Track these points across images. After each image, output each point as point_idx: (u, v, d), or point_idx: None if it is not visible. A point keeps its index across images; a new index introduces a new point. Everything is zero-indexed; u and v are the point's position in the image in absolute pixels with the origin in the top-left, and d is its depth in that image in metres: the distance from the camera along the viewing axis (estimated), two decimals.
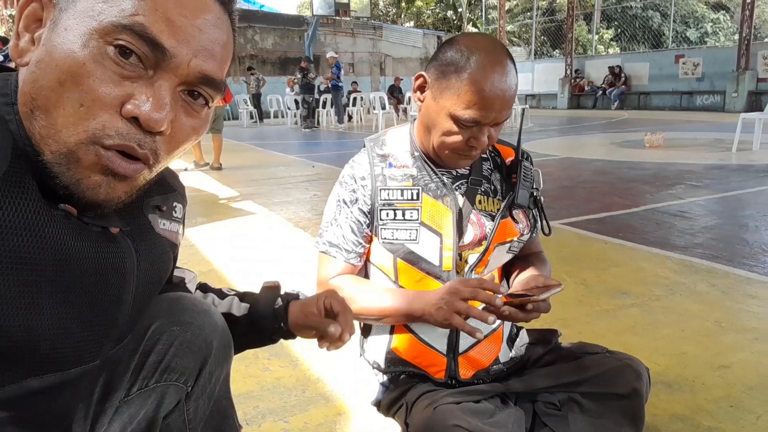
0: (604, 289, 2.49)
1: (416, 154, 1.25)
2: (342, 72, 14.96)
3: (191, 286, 0.98)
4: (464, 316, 1.05)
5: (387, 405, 1.29)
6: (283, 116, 17.88)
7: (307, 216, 4.17)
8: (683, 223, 3.63)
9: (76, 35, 0.55)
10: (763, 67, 15.00)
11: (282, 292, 1.03)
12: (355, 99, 15.69)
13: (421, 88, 1.21)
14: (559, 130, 11.77)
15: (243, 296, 1.01)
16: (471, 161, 1.22)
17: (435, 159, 1.23)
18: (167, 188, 0.80)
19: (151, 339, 0.80)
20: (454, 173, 1.25)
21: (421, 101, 1.21)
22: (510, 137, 1.33)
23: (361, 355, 1.37)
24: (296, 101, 15.54)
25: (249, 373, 1.82)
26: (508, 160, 1.31)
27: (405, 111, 14.69)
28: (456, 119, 1.12)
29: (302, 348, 1.95)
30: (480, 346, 1.26)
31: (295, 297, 1.02)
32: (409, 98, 14.09)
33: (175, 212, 0.80)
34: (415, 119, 1.28)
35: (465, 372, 1.25)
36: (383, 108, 13.04)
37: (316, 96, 14.61)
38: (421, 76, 1.20)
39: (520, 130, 1.30)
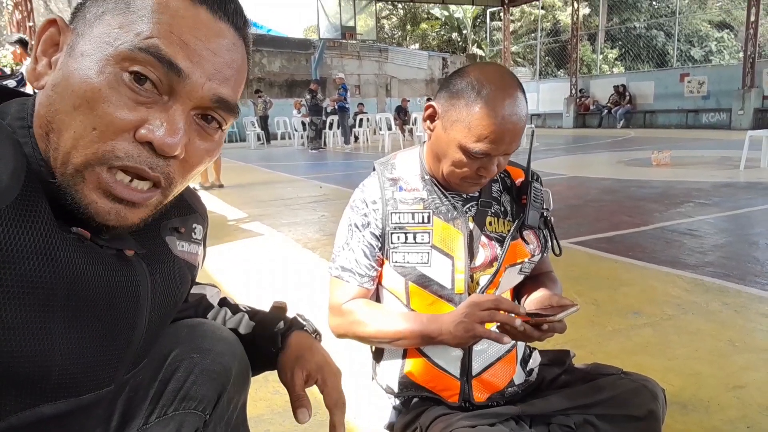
0: (615, 308, 2.47)
1: (426, 177, 1.26)
2: (348, 93, 15.09)
3: (213, 300, 0.98)
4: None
5: (400, 429, 1.28)
6: (290, 138, 18.03)
7: (315, 237, 4.18)
8: (693, 242, 3.62)
9: (92, 61, 0.55)
10: None
11: (288, 314, 1.00)
12: (361, 120, 15.81)
13: (431, 118, 1.22)
14: (566, 149, 11.79)
15: (253, 314, 1.00)
16: (480, 187, 1.23)
17: (444, 184, 1.25)
18: (187, 209, 0.80)
19: (171, 366, 0.80)
20: (465, 196, 1.26)
21: (431, 130, 1.22)
22: (519, 157, 1.34)
23: (373, 378, 1.36)
24: (303, 123, 15.67)
25: (259, 396, 1.81)
26: (518, 181, 1.32)
27: (411, 132, 14.77)
28: (466, 151, 1.13)
29: None
30: (494, 368, 1.26)
31: (301, 326, 0.97)
32: (415, 119, 14.18)
33: (195, 234, 0.80)
34: (424, 142, 1.29)
35: (479, 395, 1.24)
36: (389, 129, 13.14)
37: (324, 118, 14.74)
38: (431, 106, 1.21)
39: (530, 151, 1.31)
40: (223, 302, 1.02)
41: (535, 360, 1.36)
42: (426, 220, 1.23)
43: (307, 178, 8.36)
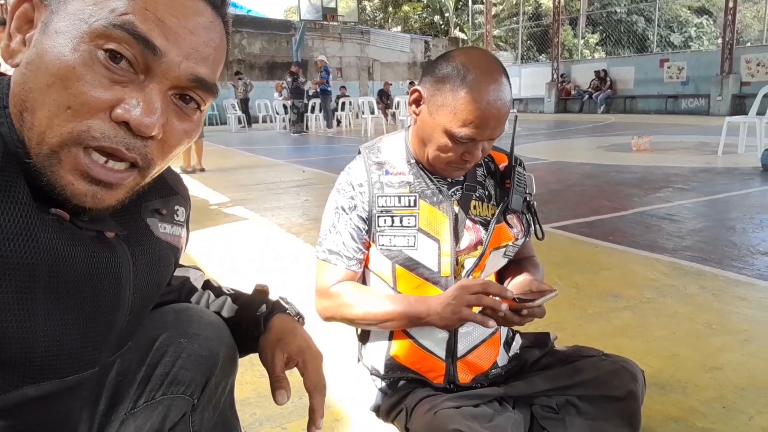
0: (595, 292, 2.52)
1: (412, 161, 1.26)
2: (330, 76, 14.97)
3: (197, 284, 0.97)
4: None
5: (386, 410, 1.30)
6: (271, 121, 17.85)
7: (299, 221, 4.17)
8: (672, 226, 3.68)
9: (66, 39, 0.54)
10: (746, 71, 15.23)
11: (270, 297, 0.99)
12: (343, 103, 15.70)
13: (417, 102, 1.22)
14: (547, 134, 11.86)
15: (236, 297, 0.99)
16: (465, 171, 1.24)
17: (429, 168, 1.25)
18: (168, 191, 0.79)
19: (158, 351, 0.80)
20: (450, 180, 1.27)
21: (417, 115, 1.22)
22: (502, 142, 1.35)
23: (359, 361, 1.37)
24: (285, 106, 15.52)
25: (245, 380, 1.81)
26: (502, 165, 1.33)
27: (393, 116, 14.72)
28: (452, 136, 1.14)
29: None
30: (478, 350, 1.28)
31: (283, 309, 0.97)
32: (398, 102, 14.13)
33: (177, 216, 0.79)
34: (409, 126, 1.29)
35: (464, 376, 1.26)
36: (372, 113, 13.07)
37: (305, 101, 14.61)
38: (416, 90, 1.21)
39: (513, 136, 1.32)
40: (207, 285, 1.02)
41: (518, 342, 1.38)
42: (412, 204, 1.24)
43: (290, 162, 8.31)
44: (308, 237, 3.63)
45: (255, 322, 0.92)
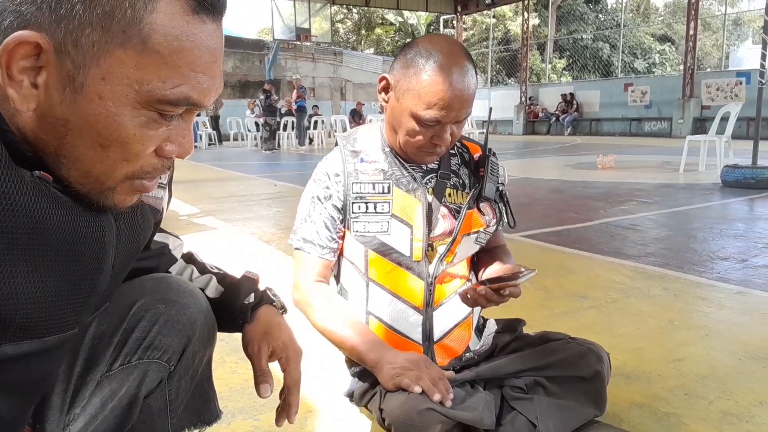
0: (563, 293, 2.57)
1: (387, 150, 1.30)
2: (307, 93, 15.07)
3: (176, 253, 0.97)
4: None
5: (360, 395, 1.31)
6: (243, 139, 17.78)
7: (271, 231, 4.16)
8: (635, 235, 3.78)
9: (116, 106, 0.55)
10: (707, 95, 15.81)
11: (259, 287, 1.01)
12: (316, 122, 15.76)
13: (386, 90, 1.26)
14: (516, 153, 12.08)
15: (222, 278, 1.00)
16: (436, 157, 1.27)
17: (403, 156, 1.28)
18: None
19: (136, 316, 0.80)
20: (424, 168, 1.30)
21: (386, 102, 1.26)
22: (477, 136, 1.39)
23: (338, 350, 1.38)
24: (257, 123, 15.50)
25: (217, 375, 1.79)
26: (476, 155, 1.37)
27: None
28: (418, 119, 1.17)
29: None
30: (453, 333, 1.30)
31: (270, 301, 0.99)
32: (370, 121, 14.24)
33: (159, 178, 0.80)
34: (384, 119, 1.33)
35: (441, 360, 1.28)
36: (344, 130, 13.13)
37: (278, 119, 14.62)
38: (384, 78, 1.25)
39: (487, 127, 1.37)
40: (190, 259, 1.02)
41: (490, 328, 1.41)
42: (386, 191, 1.27)
43: (261, 176, 8.29)
44: (280, 245, 3.62)
45: (242, 310, 0.94)
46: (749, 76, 14.62)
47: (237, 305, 0.95)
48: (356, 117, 16.73)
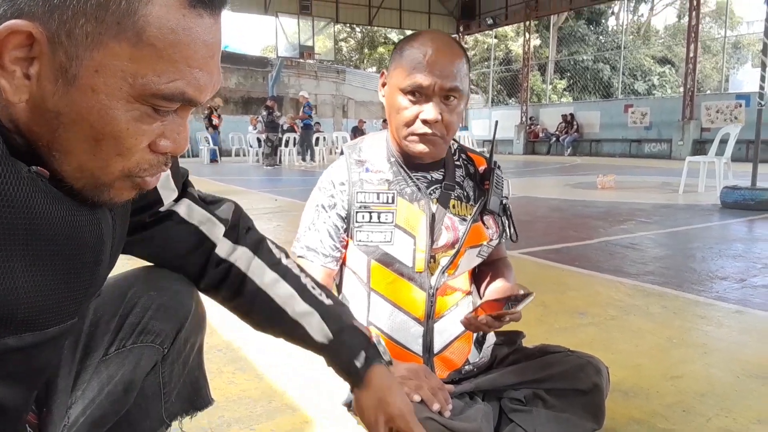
0: (562, 309, 2.57)
1: (392, 159, 1.31)
2: (313, 111, 15.18)
3: (212, 233, 0.90)
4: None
5: None
6: (244, 154, 17.86)
7: None
8: (635, 254, 3.79)
9: (109, 99, 0.55)
10: (706, 117, 15.91)
11: (369, 342, 0.97)
12: (317, 139, 15.85)
13: (384, 84, 1.29)
14: (516, 172, 12.13)
15: (328, 317, 0.94)
16: (433, 146, 1.23)
17: (408, 161, 1.29)
18: None
19: (129, 303, 0.83)
20: (429, 178, 1.31)
21: (384, 97, 1.29)
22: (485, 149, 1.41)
23: None
24: (259, 139, 15.58)
25: (214, 386, 1.77)
26: (481, 168, 1.38)
27: None
28: (403, 91, 1.19)
29: (268, 363, 1.94)
30: (453, 346, 1.30)
31: (379, 358, 0.96)
32: None
33: None
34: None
35: (440, 372, 1.28)
36: None
37: (280, 135, 14.70)
38: (382, 74, 1.29)
39: (493, 139, 1.38)
40: (268, 255, 0.95)
41: (489, 340, 1.41)
42: (390, 201, 1.27)
43: (262, 191, 8.31)
44: None
45: (351, 371, 0.94)
46: (749, 98, 14.74)
47: (344, 359, 0.94)
48: (358, 134, 16.81)
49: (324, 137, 16.06)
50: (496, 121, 1.43)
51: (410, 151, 1.25)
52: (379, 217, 1.27)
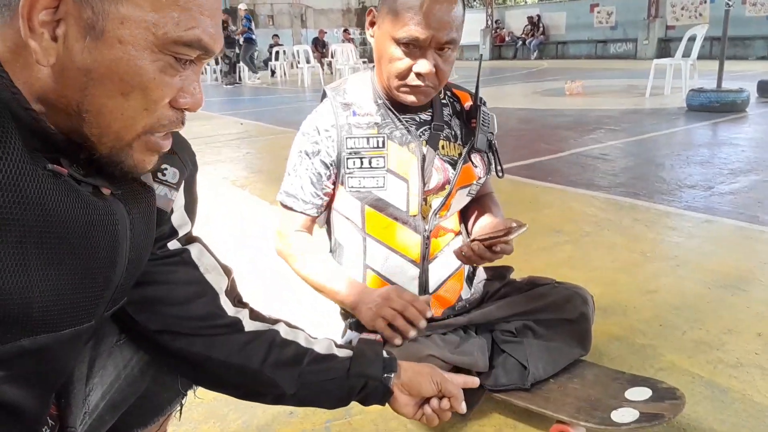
0: (538, 228, 2.63)
1: (379, 101, 1.27)
2: (253, 24, 14.43)
3: (224, 300, 0.86)
4: (387, 323, 1.15)
5: None
6: (202, 73, 17.12)
7: (243, 174, 4.10)
8: (605, 165, 3.86)
9: (136, 50, 0.56)
10: (672, 15, 15.77)
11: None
12: (277, 53, 15.22)
13: (372, 24, 1.23)
14: (483, 81, 11.87)
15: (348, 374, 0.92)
16: (424, 96, 1.22)
17: (396, 102, 1.25)
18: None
19: None
20: (418, 119, 1.28)
21: (373, 37, 1.23)
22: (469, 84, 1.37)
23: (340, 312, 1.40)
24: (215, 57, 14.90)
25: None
26: (467, 105, 1.35)
27: (330, 65, 14.41)
28: (397, 42, 1.14)
29: None
30: (446, 284, 1.33)
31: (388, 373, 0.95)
32: (334, 51, 13.81)
33: (165, 175, 0.76)
34: (373, 66, 1.29)
35: (436, 310, 1.31)
36: (308, 62, 12.74)
37: (237, 50, 14.05)
38: (371, 11, 1.22)
39: (478, 75, 1.35)
40: (259, 317, 0.91)
41: (479, 276, 1.44)
42: (381, 145, 1.25)
43: (226, 114, 8.07)
44: (255, 189, 3.58)
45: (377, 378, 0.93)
46: None
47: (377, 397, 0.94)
48: (319, 46, 16.20)
49: (284, 51, 15.42)
50: (480, 55, 1.39)
51: (401, 100, 1.22)
52: (370, 162, 1.25)
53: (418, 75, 1.15)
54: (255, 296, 1.01)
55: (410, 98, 1.20)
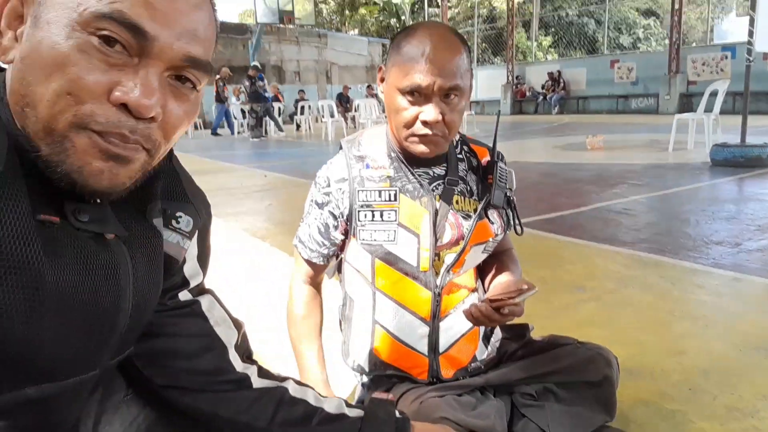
0: (560, 285, 2.58)
1: (393, 154, 1.27)
2: (266, 82, 14.89)
3: (233, 354, 0.85)
4: None
5: None
6: (229, 127, 17.60)
7: (264, 226, 4.13)
8: (629, 221, 3.80)
9: (58, 28, 0.54)
10: (692, 70, 15.86)
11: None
12: (302, 107, 15.61)
13: (382, 80, 1.25)
14: (504, 135, 12.07)
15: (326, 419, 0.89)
16: (435, 146, 1.20)
17: (409, 156, 1.25)
18: (182, 197, 0.77)
19: None
20: (431, 173, 1.28)
21: (383, 92, 1.25)
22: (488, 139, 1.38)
23: (343, 360, 1.38)
24: (243, 111, 15.33)
25: None
26: (484, 160, 1.35)
27: (354, 119, 14.71)
28: (402, 92, 1.15)
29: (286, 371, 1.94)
30: (459, 344, 1.29)
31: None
32: (357, 106, 14.12)
33: (179, 222, 0.75)
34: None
35: (446, 371, 1.28)
36: (332, 116, 13.03)
37: (265, 104, 14.44)
38: (380, 68, 1.24)
39: (495, 130, 1.34)
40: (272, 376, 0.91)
41: (497, 335, 1.41)
42: (393, 198, 1.24)
43: (251, 167, 8.22)
44: (275, 241, 3.60)
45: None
46: (734, 50, 14.68)
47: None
48: (343, 101, 16.62)
49: (309, 105, 15.82)
50: (499, 111, 1.40)
51: (412, 151, 1.22)
52: (381, 216, 1.24)
53: (425, 123, 1.15)
54: (268, 347, 0.99)
55: (420, 148, 1.19)
